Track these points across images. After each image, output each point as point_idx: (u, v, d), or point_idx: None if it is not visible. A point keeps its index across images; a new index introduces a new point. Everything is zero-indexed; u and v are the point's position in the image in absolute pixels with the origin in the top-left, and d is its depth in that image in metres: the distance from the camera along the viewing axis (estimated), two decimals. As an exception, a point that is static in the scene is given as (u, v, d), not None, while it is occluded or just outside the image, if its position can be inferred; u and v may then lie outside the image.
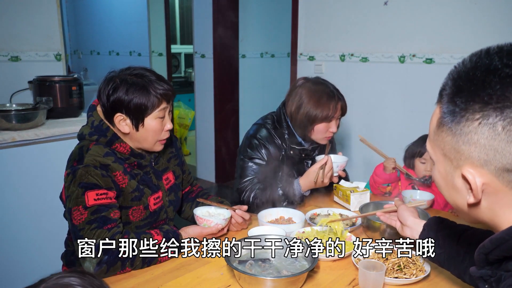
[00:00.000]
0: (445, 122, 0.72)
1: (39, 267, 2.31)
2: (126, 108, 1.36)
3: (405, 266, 1.23)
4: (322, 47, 3.23)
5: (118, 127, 1.39)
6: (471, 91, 0.67)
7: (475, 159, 0.69)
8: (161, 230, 1.36)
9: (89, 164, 1.31)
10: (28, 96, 2.73)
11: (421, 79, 2.79)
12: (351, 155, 3.00)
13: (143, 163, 1.46)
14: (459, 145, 0.70)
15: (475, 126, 0.67)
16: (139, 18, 4.95)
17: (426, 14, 2.69)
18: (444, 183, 0.78)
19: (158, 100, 1.38)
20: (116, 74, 1.40)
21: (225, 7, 4.24)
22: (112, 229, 1.28)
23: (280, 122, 1.91)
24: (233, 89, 4.52)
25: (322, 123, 1.82)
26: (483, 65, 0.68)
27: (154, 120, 1.39)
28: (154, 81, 1.38)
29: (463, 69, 0.71)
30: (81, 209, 1.27)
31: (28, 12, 2.78)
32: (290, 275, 1.15)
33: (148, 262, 1.30)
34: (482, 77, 0.67)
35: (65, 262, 1.58)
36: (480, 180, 0.69)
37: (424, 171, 1.97)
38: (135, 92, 1.35)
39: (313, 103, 1.80)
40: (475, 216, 0.76)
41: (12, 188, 2.27)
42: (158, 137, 1.43)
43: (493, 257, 0.72)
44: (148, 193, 1.45)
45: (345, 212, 1.69)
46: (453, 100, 0.70)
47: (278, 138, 1.91)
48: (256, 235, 1.35)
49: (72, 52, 5.86)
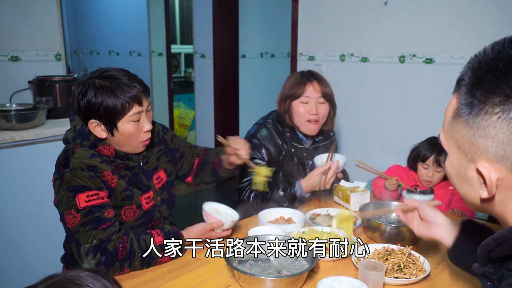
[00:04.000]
0: (462, 114, 0.69)
1: (39, 267, 2.31)
2: (96, 114, 1.32)
3: (405, 266, 1.23)
4: (322, 47, 3.23)
5: (94, 133, 1.35)
6: (492, 83, 0.64)
7: (491, 154, 0.66)
8: (162, 231, 1.35)
9: (75, 167, 1.29)
10: (28, 96, 2.73)
11: (421, 79, 2.79)
12: (351, 155, 3.00)
13: (130, 164, 1.42)
14: (475, 139, 0.67)
15: (493, 120, 0.64)
16: (139, 18, 4.95)
17: (426, 14, 2.69)
18: (456, 175, 0.76)
19: (128, 104, 1.31)
20: (86, 77, 1.35)
21: (225, 7, 4.24)
22: (107, 229, 1.26)
23: (282, 121, 1.93)
24: (233, 89, 4.52)
25: (298, 104, 1.87)
26: (507, 55, 0.64)
27: (128, 124, 1.34)
28: (123, 84, 1.31)
29: (484, 59, 0.67)
30: (73, 212, 1.26)
31: (28, 12, 2.78)
32: (290, 275, 1.15)
33: (147, 263, 1.29)
34: (505, 69, 0.63)
35: (65, 264, 1.58)
36: (495, 175, 0.67)
37: (426, 176, 1.96)
38: (102, 96, 1.30)
39: (288, 85, 1.92)
40: (485, 209, 0.74)
41: (12, 188, 2.27)
42: (137, 139, 1.39)
43: (495, 255, 0.71)
44: (138, 193, 1.43)
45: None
46: (472, 92, 0.67)
47: (279, 138, 1.91)
48: (256, 235, 1.35)
49: (72, 52, 5.86)
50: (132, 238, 1.29)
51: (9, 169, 2.25)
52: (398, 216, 1.28)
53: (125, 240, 1.27)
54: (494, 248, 0.70)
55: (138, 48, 5.07)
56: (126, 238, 1.27)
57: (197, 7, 4.39)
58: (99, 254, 1.22)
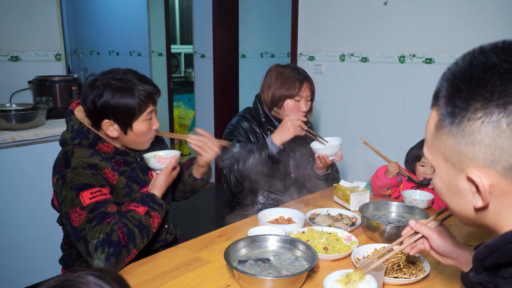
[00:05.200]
0: (444, 125, 0.69)
1: (38, 267, 2.31)
2: (113, 114, 1.37)
3: (405, 266, 1.23)
4: (322, 47, 3.23)
5: (106, 132, 1.40)
6: (471, 89, 0.65)
7: (480, 160, 0.65)
8: (137, 201, 1.37)
9: (76, 167, 1.32)
10: (28, 96, 2.73)
11: (421, 79, 2.79)
12: (351, 155, 3.00)
13: (128, 160, 1.47)
14: (462, 147, 0.67)
15: (478, 125, 0.64)
16: (139, 18, 4.95)
17: (426, 14, 2.69)
18: (446, 190, 0.74)
19: (145, 104, 1.39)
20: (98, 78, 1.39)
21: (225, 7, 4.24)
22: (111, 222, 1.29)
23: (257, 110, 2.01)
24: (233, 89, 4.52)
25: (290, 102, 1.91)
26: (479, 63, 0.65)
27: (143, 123, 1.41)
28: (139, 84, 1.38)
29: (458, 69, 0.68)
30: (78, 210, 1.27)
31: (28, 12, 2.78)
32: (290, 275, 1.15)
33: (147, 235, 1.33)
34: (480, 75, 0.64)
35: (63, 265, 1.58)
36: (487, 182, 0.66)
37: (425, 174, 1.97)
38: (121, 97, 1.35)
39: (279, 83, 1.93)
40: (479, 221, 0.72)
41: (11, 188, 2.27)
42: (147, 137, 1.46)
43: (488, 264, 0.70)
44: (136, 188, 1.46)
45: (345, 212, 1.70)
46: (451, 101, 0.67)
47: (258, 126, 1.99)
48: (256, 235, 1.35)
49: (72, 52, 5.86)
50: (124, 221, 1.31)
51: (9, 169, 2.25)
52: (399, 216, 1.26)
53: (120, 226, 1.29)
54: (487, 257, 0.69)
55: (138, 48, 5.07)
56: (120, 224, 1.29)
57: (197, 7, 4.39)
58: (106, 247, 1.24)
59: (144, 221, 1.33)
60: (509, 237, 0.66)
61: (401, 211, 1.64)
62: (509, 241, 0.66)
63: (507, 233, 0.67)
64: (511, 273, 0.67)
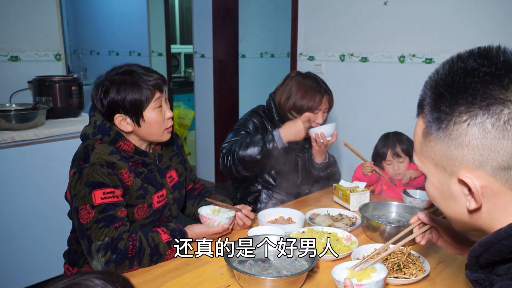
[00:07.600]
0: (432, 131, 0.71)
1: (39, 267, 2.31)
2: (122, 108, 1.37)
3: (405, 266, 1.23)
4: (322, 47, 3.23)
5: (120, 128, 1.40)
6: (454, 94, 0.67)
7: (470, 162, 0.67)
8: (167, 228, 1.37)
9: (95, 163, 1.31)
10: (27, 96, 2.73)
11: (421, 79, 2.76)
12: (351, 154, 3.00)
13: (147, 161, 1.46)
14: (451, 151, 0.69)
15: (464, 128, 0.66)
16: (139, 18, 4.95)
17: (426, 14, 2.70)
18: (439, 195, 0.76)
19: (151, 91, 1.38)
20: (103, 77, 1.41)
21: (225, 7, 4.24)
22: (119, 228, 1.28)
23: (270, 109, 2.00)
24: (233, 89, 4.52)
25: (308, 114, 1.91)
26: (459, 68, 0.68)
27: (153, 111, 1.40)
28: (143, 74, 1.39)
29: (439, 77, 0.70)
30: (88, 208, 1.27)
31: (28, 12, 2.78)
32: (290, 275, 1.15)
33: (155, 260, 1.31)
34: (461, 80, 0.67)
35: (67, 260, 1.58)
36: (478, 183, 0.67)
37: (393, 171, 2.05)
38: (126, 90, 1.35)
39: (300, 95, 1.91)
40: (474, 224, 0.74)
41: (12, 188, 2.27)
42: (162, 126, 1.45)
43: (483, 261, 0.71)
44: (152, 191, 1.45)
45: (345, 212, 1.70)
46: (436, 107, 0.69)
47: (269, 124, 1.99)
48: (256, 235, 1.35)
49: (71, 52, 5.86)
50: (141, 236, 1.30)
51: (9, 169, 2.25)
52: (399, 216, 1.26)
53: (134, 238, 1.28)
54: (481, 254, 0.70)
55: (138, 48, 5.07)
56: (135, 236, 1.29)
57: (197, 7, 4.39)
58: (109, 252, 1.24)
59: (161, 248, 1.31)
60: (503, 234, 0.67)
61: (401, 211, 1.65)
62: (503, 237, 0.67)
63: (500, 230, 0.68)
64: (506, 270, 0.68)
